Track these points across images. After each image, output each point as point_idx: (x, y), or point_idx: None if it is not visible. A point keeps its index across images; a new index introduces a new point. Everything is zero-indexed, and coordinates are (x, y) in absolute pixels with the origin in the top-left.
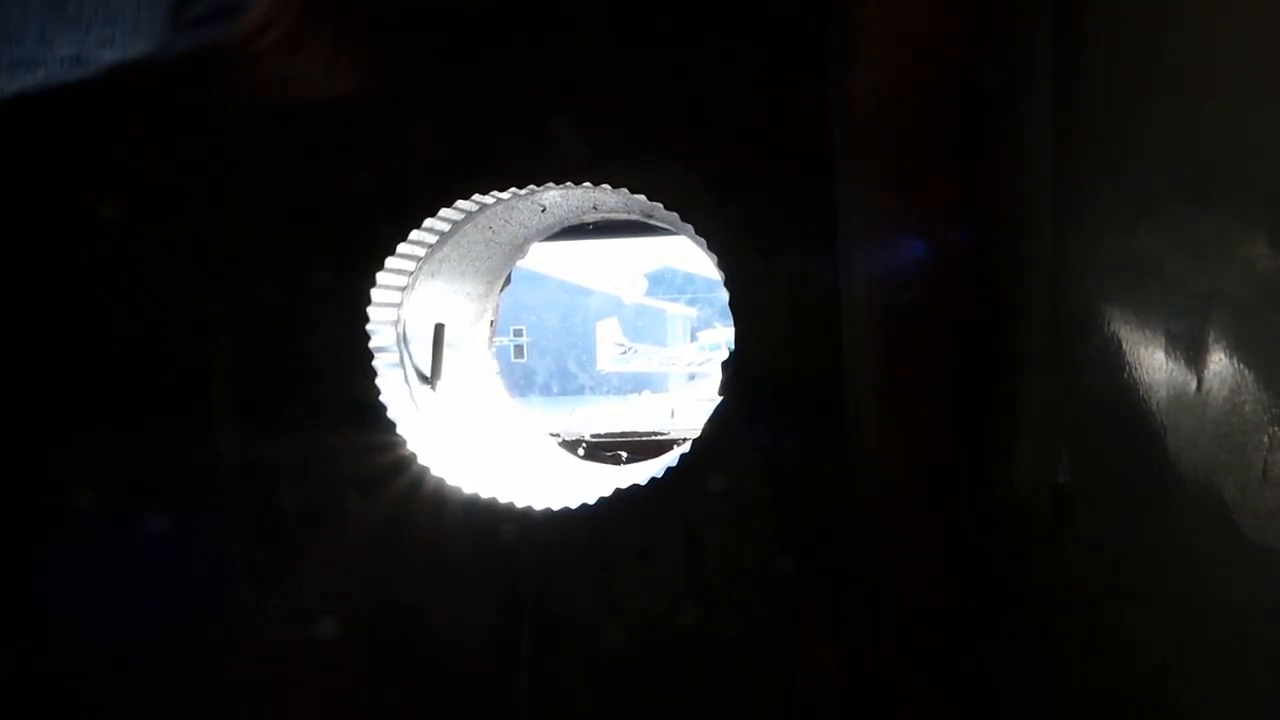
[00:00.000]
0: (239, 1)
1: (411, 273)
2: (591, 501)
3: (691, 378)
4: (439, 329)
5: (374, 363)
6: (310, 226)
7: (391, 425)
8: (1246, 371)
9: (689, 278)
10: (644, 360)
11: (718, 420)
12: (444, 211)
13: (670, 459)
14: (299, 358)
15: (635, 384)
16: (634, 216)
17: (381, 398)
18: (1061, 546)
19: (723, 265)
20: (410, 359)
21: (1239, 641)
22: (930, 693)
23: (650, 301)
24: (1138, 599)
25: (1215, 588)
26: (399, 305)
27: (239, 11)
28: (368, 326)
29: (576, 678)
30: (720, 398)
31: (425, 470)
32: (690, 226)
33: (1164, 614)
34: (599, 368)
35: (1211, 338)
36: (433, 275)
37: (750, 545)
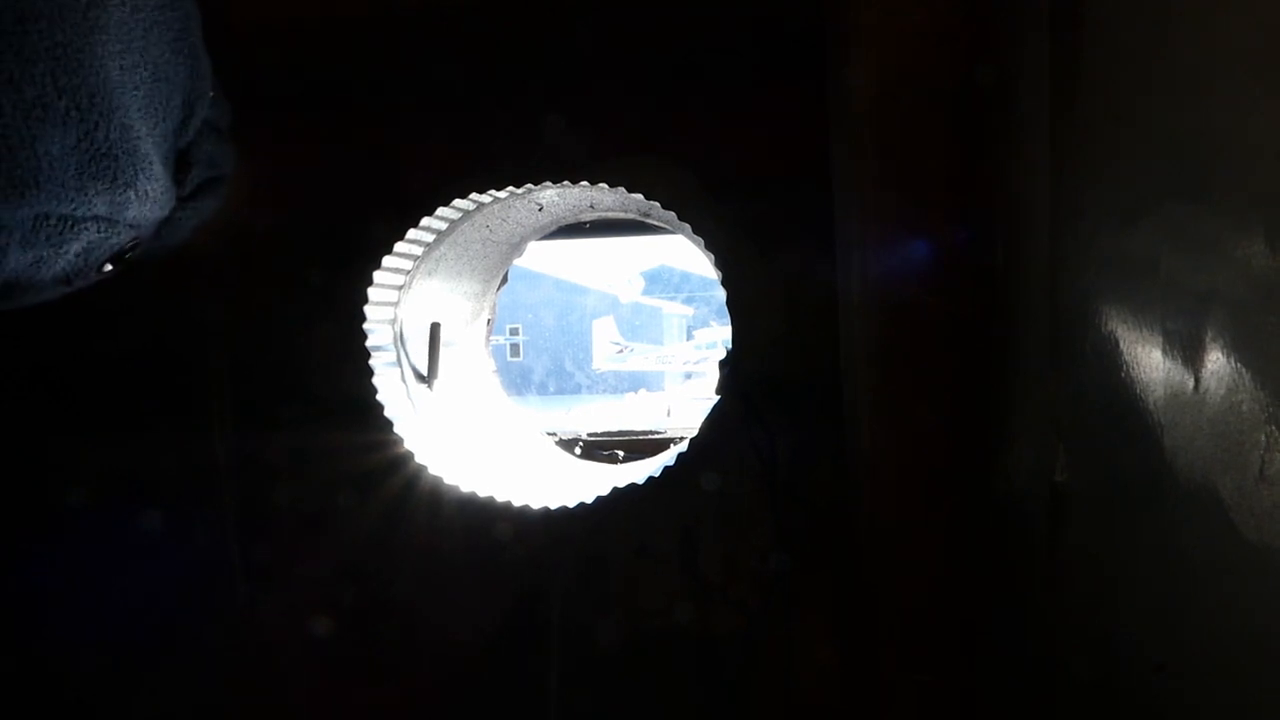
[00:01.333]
0: (224, 171)
1: (409, 272)
2: (589, 500)
3: (688, 376)
4: (435, 328)
5: (370, 361)
6: (307, 225)
7: (389, 424)
8: (1243, 370)
9: (685, 276)
10: (640, 359)
11: (715, 419)
12: (441, 211)
13: (667, 458)
14: (296, 357)
15: (631, 383)
16: (631, 215)
17: (378, 396)
18: (1058, 545)
19: (720, 264)
20: (407, 358)
21: (1236, 639)
22: (927, 691)
23: (647, 300)
24: (1134, 597)
25: (1212, 586)
26: (396, 304)
27: (225, 179)
28: (365, 325)
29: (572, 676)
30: (717, 397)
31: (422, 469)
32: (687, 225)
33: (1160, 612)
34: (595, 366)
35: (1208, 337)
36: (430, 274)
37: (747, 544)
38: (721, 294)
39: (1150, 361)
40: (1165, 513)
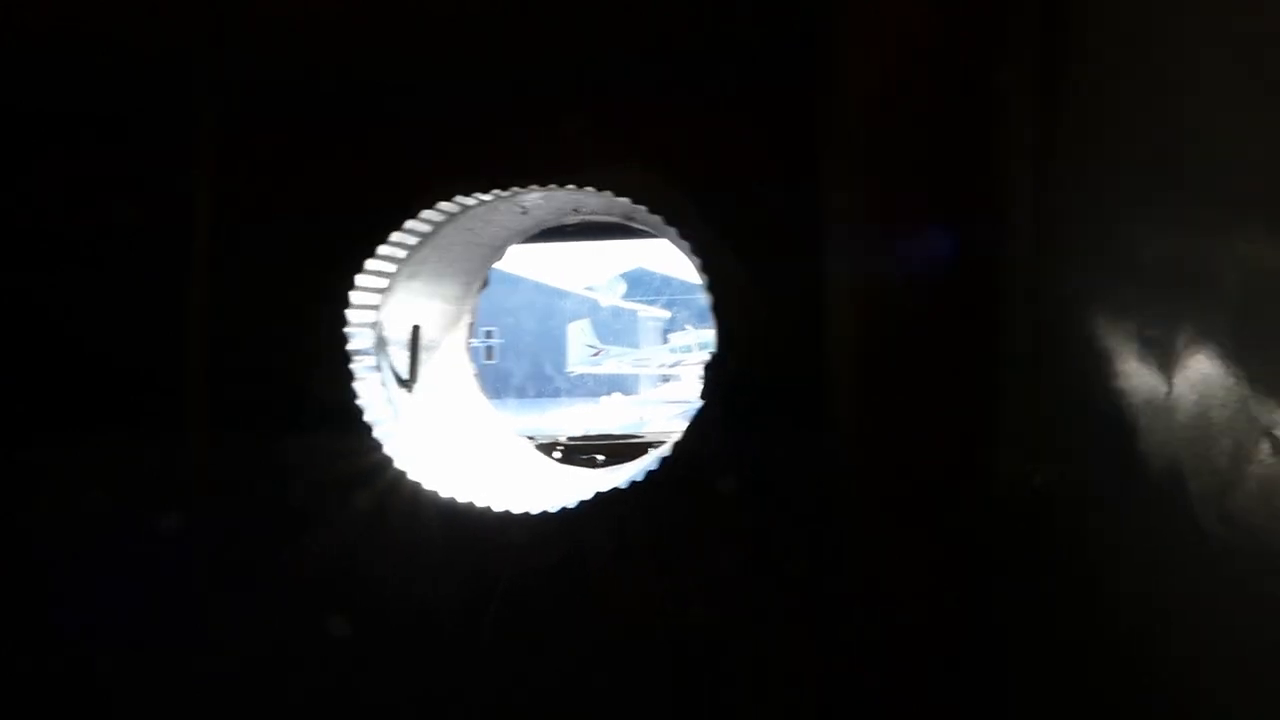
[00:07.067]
0: None
1: (391, 275)
2: (570, 505)
3: (663, 380)
4: (416, 331)
5: (351, 365)
6: (289, 227)
7: (368, 428)
8: (1216, 376)
9: (665, 280)
10: (615, 362)
11: (699, 422)
12: (425, 213)
13: (649, 461)
14: (277, 359)
15: (607, 386)
16: (613, 218)
17: (358, 401)
18: (1039, 545)
19: (706, 268)
20: (388, 361)
21: (1207, 633)
22: (909, 690)
23: (623, 304)
24: (1111, 594)
25: (1184, 583)
26: (378, 308)
27: None
28: (346, 329)
29: (553, 678)
30: (701, 400)
31: (402, 474)
32: (674, 230)
33: (1136, 608)
34: (569, 369)
35: (1184, 343)
36: (412, 277)
37: (728, 546)
38: (698, 297)
39: (1129, 367)
40: (1140, 514)
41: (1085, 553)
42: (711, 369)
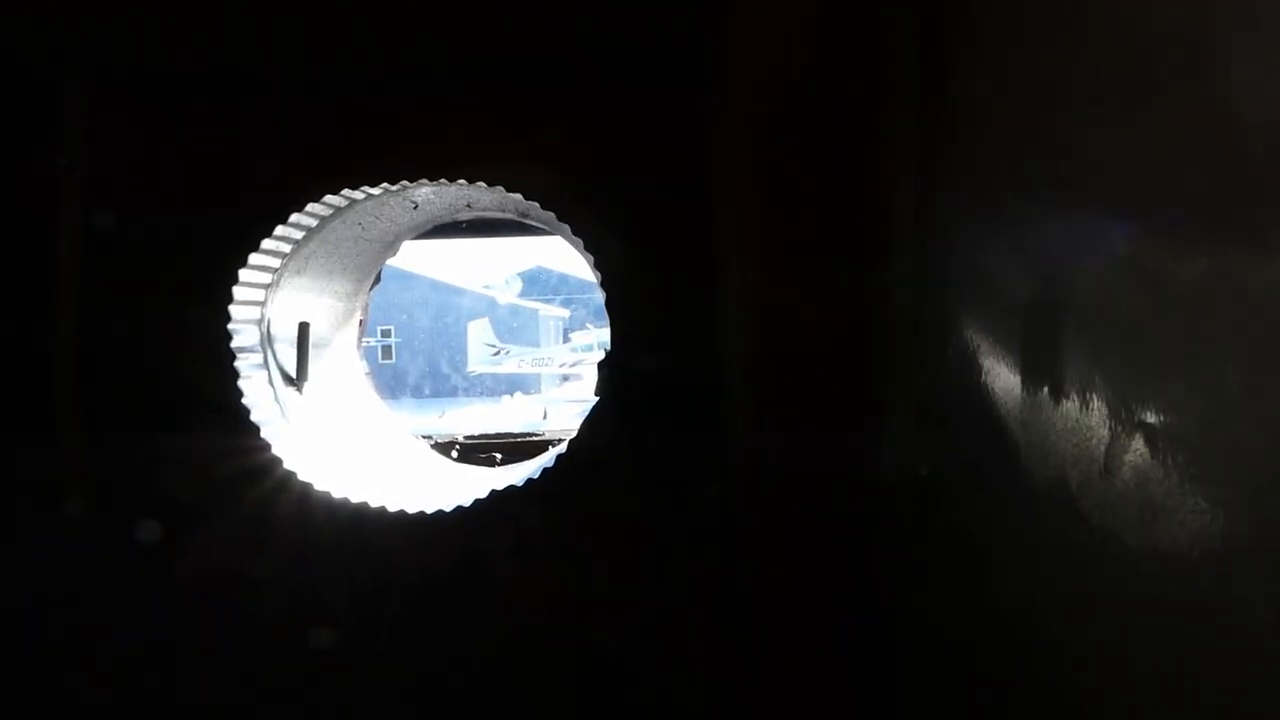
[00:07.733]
0: None
1: (276, 270)
2: (466, 503)
3: (564, 379)
4: (304, 328)
5: (236, 363)
6: (170, 218)
7: (255, 429)
8: (1090, 372)
9: (563, 278)
10: (516, 361)
11: (593, 420)
12: (311, 206)
13: (546, 460)
14: (156, 356)
15: (508, 385)
16: (508, 215)
17: (245, 400)
18: (925, 533)
19: (599, 266)
20: (275, 359)
21: (1082, 615)
22: (805, 681)
23: (523, 302)
24: (992, 580)
25: (1061, 568)
26: (263, 304)
27: None
28: (230, 325)
29: (455, 679)
30: (595, 398)
31: (291, 475)
32: (567, 226)
33: (1019, 593)
34: (470, 369)
35: (1060, 342)
36: (299, 273)
37: (624, 543)
38: (598, 296)
39: (1008, 365)
40: (1021, 503)
41: (971, 540)
42: (606, 366)
